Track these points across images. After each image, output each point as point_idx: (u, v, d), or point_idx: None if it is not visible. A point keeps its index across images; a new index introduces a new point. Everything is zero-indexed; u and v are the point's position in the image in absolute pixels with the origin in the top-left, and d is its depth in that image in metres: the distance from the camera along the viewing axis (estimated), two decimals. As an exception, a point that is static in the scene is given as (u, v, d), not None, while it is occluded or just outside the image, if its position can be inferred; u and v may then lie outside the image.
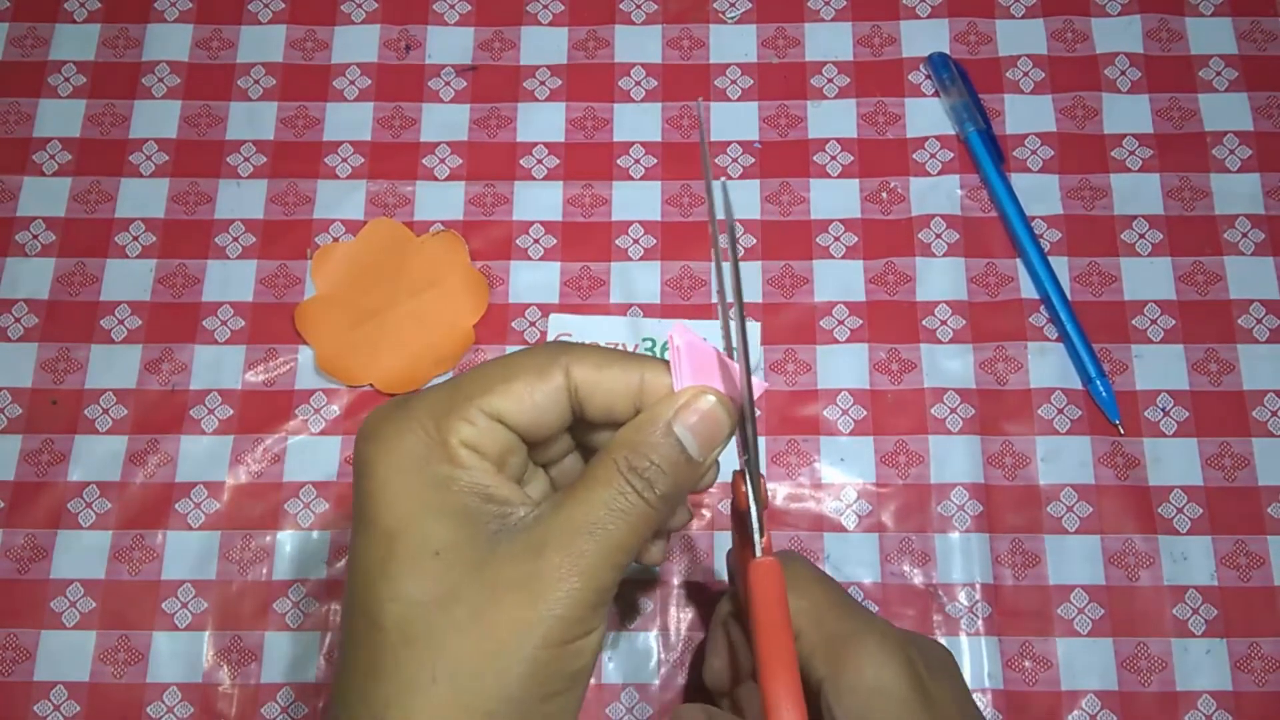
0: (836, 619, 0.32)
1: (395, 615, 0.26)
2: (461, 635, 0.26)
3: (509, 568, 0.26)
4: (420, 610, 0.26)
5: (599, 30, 0.51)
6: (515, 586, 0.26)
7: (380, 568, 0.27)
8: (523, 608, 0.26)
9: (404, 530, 0.27)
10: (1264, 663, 0.41)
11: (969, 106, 0.47)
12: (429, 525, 0.27)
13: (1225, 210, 0.47)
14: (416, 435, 0.28)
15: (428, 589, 0.26)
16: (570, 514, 0.27)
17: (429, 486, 0.27)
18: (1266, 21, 0.50)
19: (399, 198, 0.48)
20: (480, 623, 0.26)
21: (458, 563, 0.26)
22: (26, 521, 0.43)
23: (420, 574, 0.26)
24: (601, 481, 0.28)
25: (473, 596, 0.26)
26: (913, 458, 0.44)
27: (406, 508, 0.27)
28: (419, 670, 0.26)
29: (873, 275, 0.46)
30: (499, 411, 0.28)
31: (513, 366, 0.29)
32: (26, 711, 0.41)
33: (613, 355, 0.29)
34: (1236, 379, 0.44)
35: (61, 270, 0.47)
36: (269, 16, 0.51)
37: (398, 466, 0.28)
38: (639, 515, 0.28)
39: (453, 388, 0.29)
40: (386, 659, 0.26)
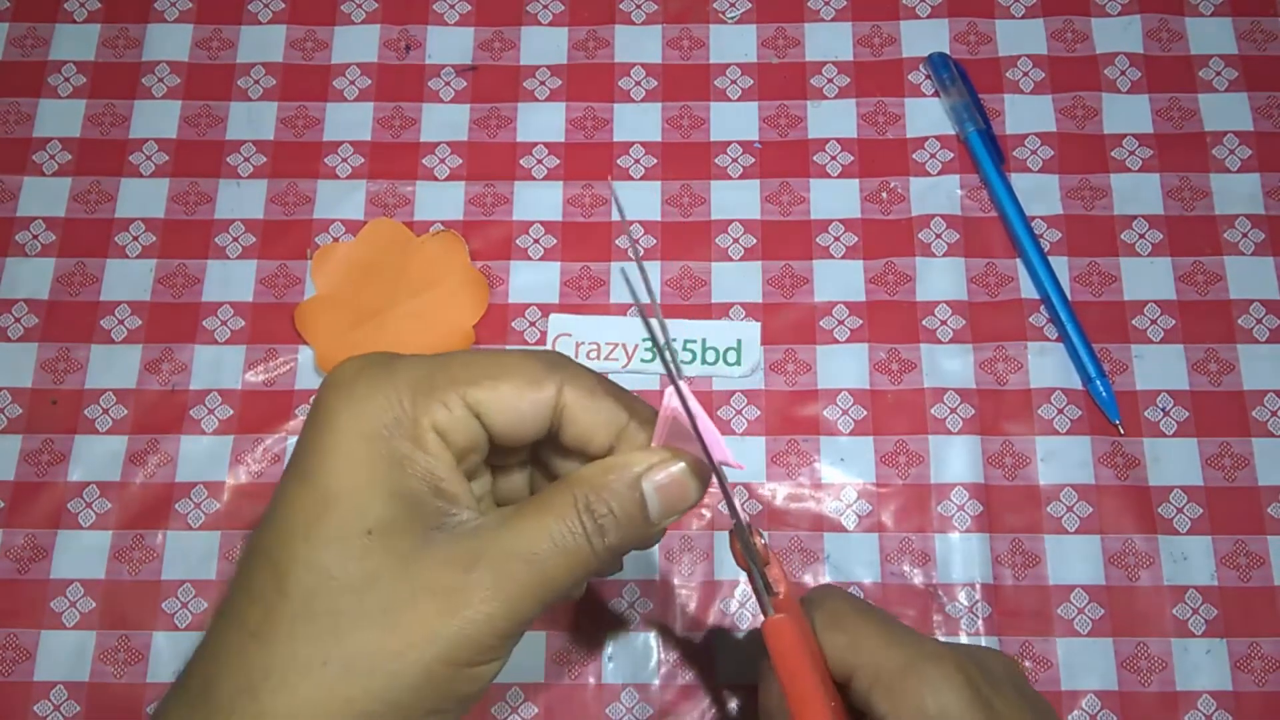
0: (886, 650, 0.31)
1: (306, 584, 0.25)
2: (367, 627, 0.24)
3: (436, 572, 0.25)
4: (333, 588, 0.24)
5: (599, 30, 0.51)
6: (436, 593, 0.25)
7: (305, 529, 0.25)
8: (437, 616, 0.24)
9: (342, 498, 0.25)
10: (1264, 663, 0.41)
11: (969, 106, 0.47)
12: (370, 500, 0.25)
13: (1225, 210, 0.47)
14: (389, 402, 0.26)
15: (348, 568, 0.25)
16: (513, 536, 0.26)
17: (384, 460, 0.25)
18: (1266, 21, 0.50)
19: (399, 198, 0.48)
20: (389, 619, 0.24)
21: (387, 550, 0.25)
22: (26, 521, 0.43)
23: (345, 550, 0.25)
24: (554, 512, 0.26)
25: (390, 589, 0.25)
26: (913, 458, 0.44)
27: (353, 475, 0.25)
28: (312, 650, 0.24)
29: (873, 275, 0.46)
30: (480, 406, 0.27)
31: (506, 365, 0.28)
32: (26, 711, 0.41)
33: (607, 386, 0.28)
34: (1236, 379, 0.44)
35: (61, 270, 0.47)
36: (269, 16, 0.51)
37: (358, 429, 0.26)
38: (580, 558, 0.26)
39: (439, 366, 0.27)
40: (281, 627, 0.24)
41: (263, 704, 0.24)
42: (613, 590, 0.42)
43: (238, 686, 0.24)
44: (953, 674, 0.30)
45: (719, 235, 0.47)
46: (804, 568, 0.42)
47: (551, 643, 0.42)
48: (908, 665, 0.30)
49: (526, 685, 0.41)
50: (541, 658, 0.42)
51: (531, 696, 0.41)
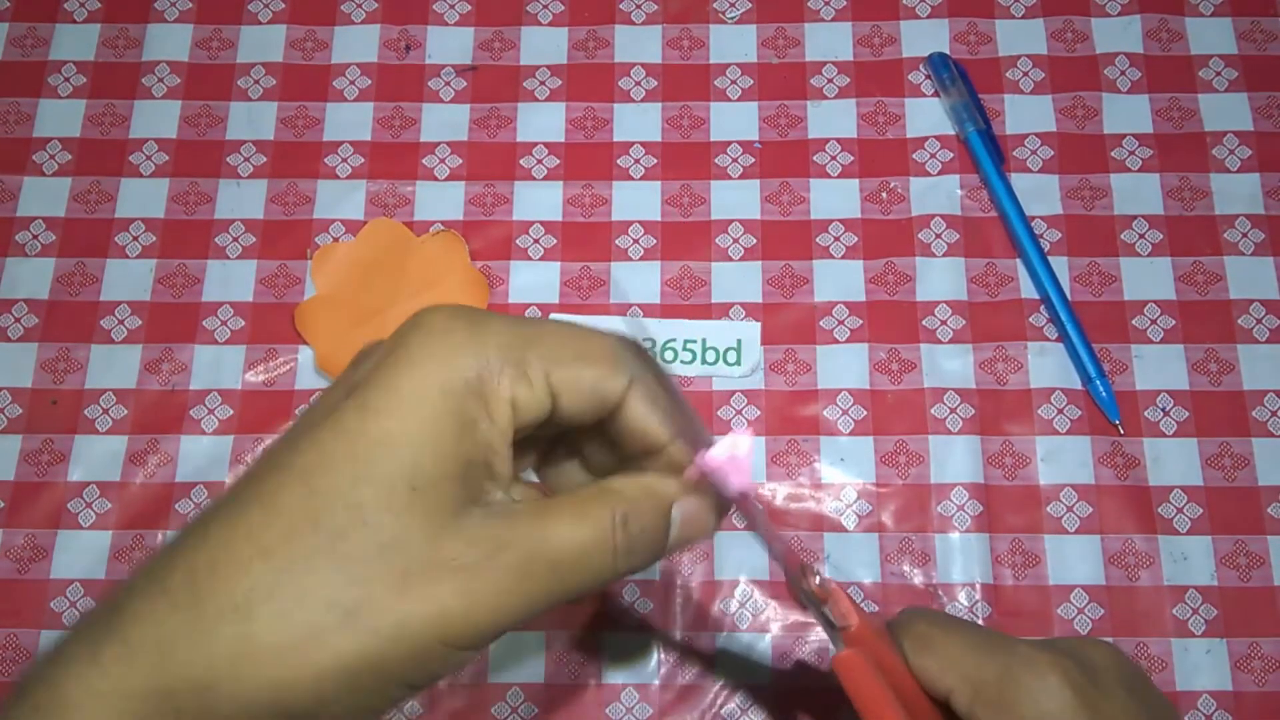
0: (978, 664, 0.30)
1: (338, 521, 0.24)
2: (380, 582, 0.23)
3: (463, 548, 0.24)
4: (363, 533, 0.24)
5: (599, 30, 0.51)
6: (456, 570, 0.24)
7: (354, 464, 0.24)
8: (450, 595, 0.24)
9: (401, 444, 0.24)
10: (1264, 663, 0.41)
11: (969, 106, 0.47)
12: (426, 455, 0.24)
13: (1225, 210, 0.47)
14: (477, 362, 0.25)
15: (383, 519, 0.24)
16: (544, 534, 0.25)
17: (452, 417, 0.24)
18: (1266, 21, 0.50)
19: (399, 198, 0.48)
20: (405, 581, 0.24)
21: (425, 510, 0.24)
22: (26, 521, 0.43)
23: (387, 500, 0.24)
24: (590, 522, 0.26)
25: (415, 553, 0.24)
26: (913, 458, 0.44)
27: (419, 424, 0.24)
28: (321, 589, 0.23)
29: (873, 275, 0.46)
30: (563, 385, 0.26)
31: (594, 348, 0.26)
32: (26, 711, 0.41)
33: (665, 400, 0.28)
34: (1236, 379, 0.44)
35: (61, 270, 0.47)
36: (269, 16, 0.51)
37: (437, 379, 0.24)
38: (601, 571, 0.26)
39: (530, 336, 0.26)
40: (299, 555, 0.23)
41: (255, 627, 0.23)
42: (613, 590, 0.42)
43: (232, 601, 0.23)
44: (1050, 679, 0.29)
45: (719, 235, 0.47)
46: (804, 568, 0.42)
47: (551, 643, 0.42)
48: (1004, 676, 0.30)
49: (526, 685, 0.41)
50: (541, 658, 0.42)
51: (531, 696, 0.41)
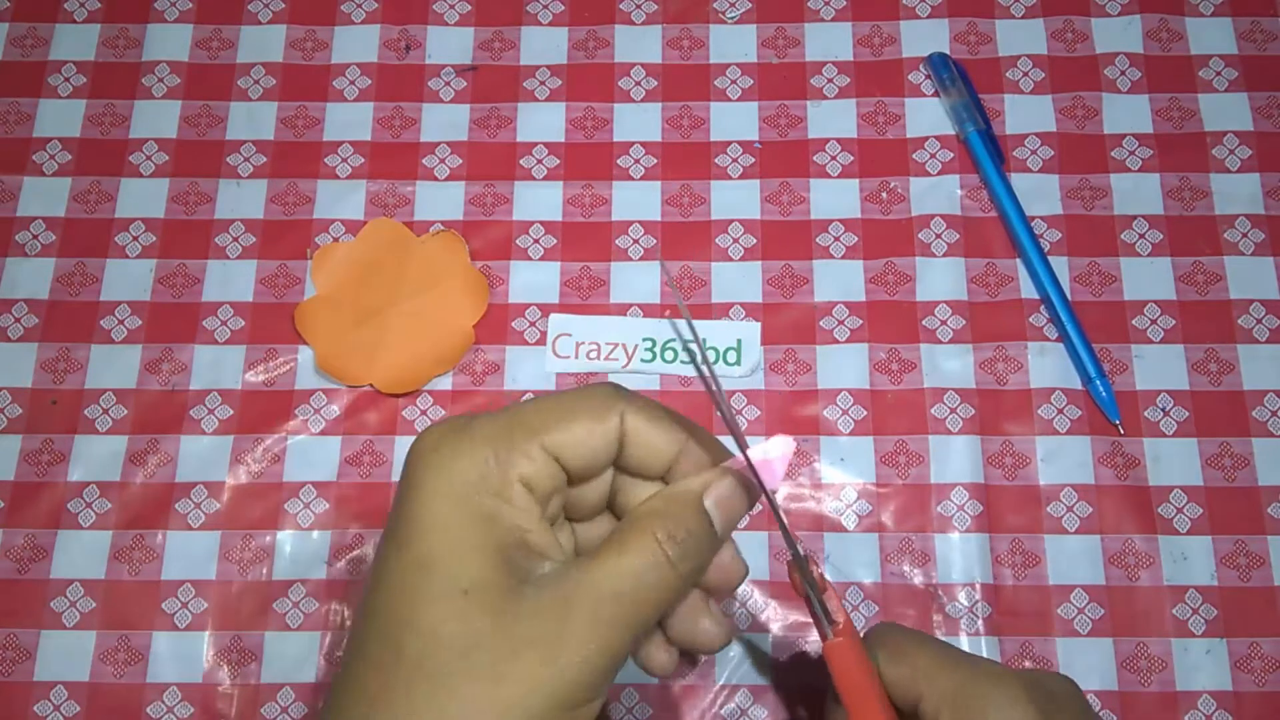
0: (949, 674, 0.32)
1: (415, 648, 0.26)
2: (475, 682, 0.26)
3: (532, 622, 0.26)
4: (440, 649, 0.26)
5: (599, 30, 0.51)
6: (535, 643, 0.26)
7: (409, 595, 0.27)
8: (539, 665, 0.26)
9: (438, 561, 0.27)
10: (1264, 663, 0.41)
11: (969, 106, 0.47)
12: (464, 560, 0.27)
13: (1225, 210, 0.47)
14: (474, 463, 0.27)
15: (451, 629, 0.26)
16: (599, 578, 0.27)
17: (474, 519, 0.27)
18: (1266, 21, 0.50)
19: (399, 198, 0.48)
20: (495, 672, 0.26)
21: (484, 606, 0.26)
22: (26, 521, 0.43)
23: (447, 611, 0.26)
24: (633, 549, 0.27)
25: (492, 645, 0.26)
26: (913, 458, 0.44)
27: (446, 538, 0.27)
28: (427, 707, 0.26)
29: (873, 275, 0.46)
30: (559, 448, 0.28)
31: (573, 405, 0.29)
32: (26, 711, 0.41)
33: (664, 412, 0.30)
34: (1236, 379, 0.44)
35: (61, 270, 0.47)
36: (269, 16, 0.51)
37: (447, 492, 0.27)
38: (666, 583, 0.28)
39: (515, 418, 0.28)
40: (398, 690, 0.26)
41: None
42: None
43: None
44: (1016, 693, 0.31)
45: (719, 235, 0.47)
46: (804, 568, 0.42)
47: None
48: (971, 686, 0.31)
49: (526, 685, 0.41)
50: (541, 658, 0.41)
51: (531, 696, 0.41)
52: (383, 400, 0.45)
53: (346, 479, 0.44)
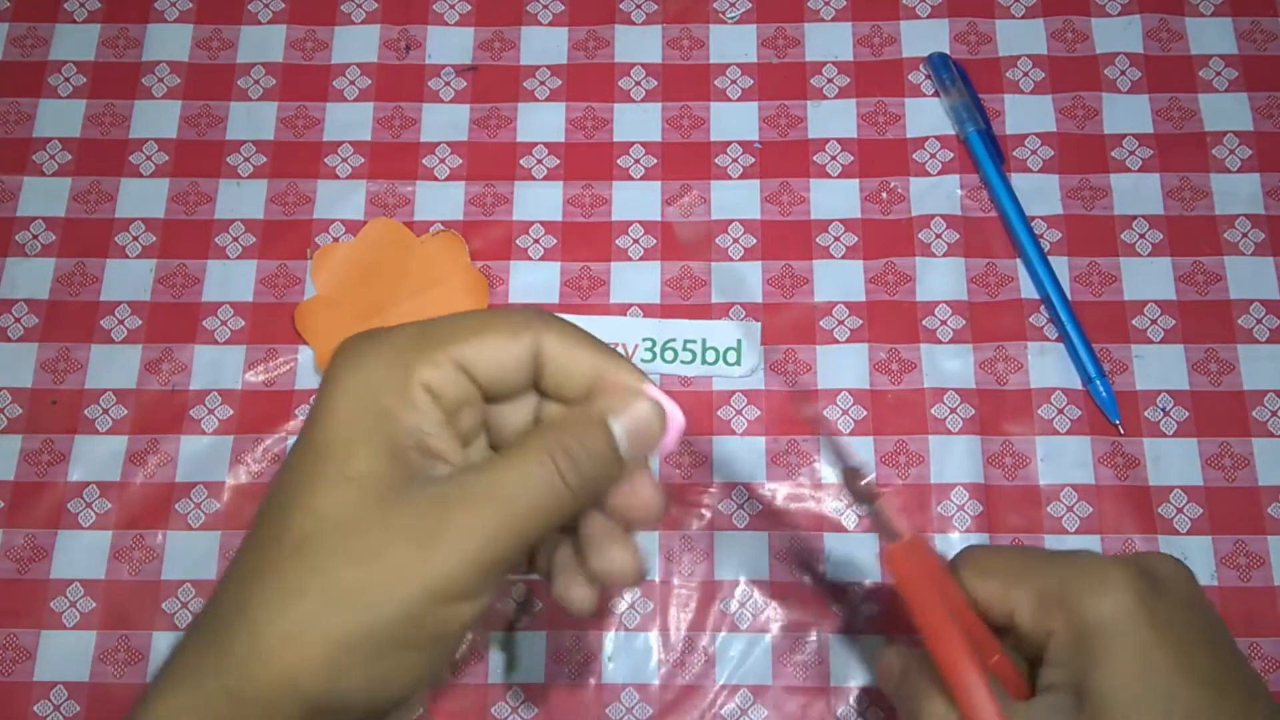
0: (1039, 573, 0.32)
1: (302, 528, 0.27)
2: (350, 564, 0.26)
3: (410, 514, 0.27)
4: (321, 527, 0.27)
5: (599, 30, 0.51)
6: (410, 534, 0.27)
7: (302, 479, 0.28)
8: (412, 557, 0.26)
9: (331, 450, 0.28)
10: (1264, 662, 0.41)
11: (969, 106, 0.47)
12: (355, 450, 0.27)
13: (1225, 210, 0.47)
14: (379, 365, 0.28)
15: (333, 512, 0.27)
16: (485, 478, 0.28)
17: (371, 415, 0.28)
18: (1266, 21, 0.50)
19: (399, 198, 0.48)
20: (369, 556, 0.26)
21: (368, 494, 0.27)
22: (26, 521, 0.43)
23: (331, 494, 0.27)
24: (523, 455, 0.28)
25: (370, 530, 0.27)
26: (913, 458, 0.44)
27: (342, 429, 0.28)
28: (298, 580, 0.26)
29: (873, 275, 0.46)
30: (466, 360, 0.29)
31: (486, 320, 0.30)
32: (26, 711, 0.41)
33: (583, 338, 0.30)
34: (1236, 379, 0.44)
35: (61, 270, 0.47)
36: (269, 16, 0.51)
37: (351, 390, 0.28)
38: (553, 495, 0.28)
39: (426, 328, 0.29)
40: (275, 564, 0.27)
41: (255, 627, 0.26)
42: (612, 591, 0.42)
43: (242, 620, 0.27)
44: (1111, 580, 0.30)
45: (719, 235, 0.47)
46: (804, 568, 0.42)
47: (551, 643, 0.42)
48: (1064, 581, 0.31)
49: (526, 685, 0.41)
50: (541, 658, 0.42)
51: (531, 696, 0.41)
52: (383, 400, 0.45)
53: (346, 479, 0.44)
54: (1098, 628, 0.30)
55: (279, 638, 0.26)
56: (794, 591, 0.42)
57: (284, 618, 0.26)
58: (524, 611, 0.42)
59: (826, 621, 0.42)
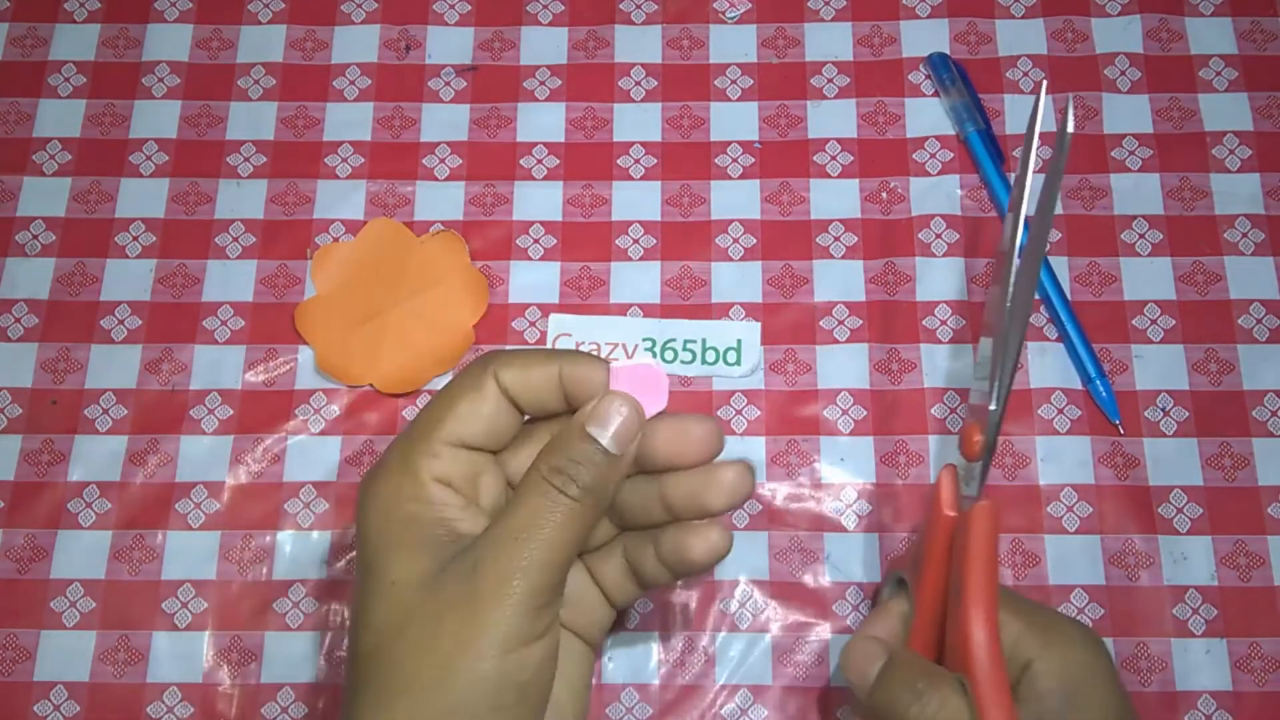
0: (1033, 609, 0.34)
1: (367, 643, 0.30)
2: (416, 654, 0.29)
3: (451, 587, 0.29)
4: (381, 635, 0.29)
5: (599, 30, 0.51)
6: (457, 604, 0.29)
7: (358, 601, 0.31)
8: (464, 622, 0.28)
9: (374, 566, 0.30)
10: (1264, 663, 0.41)
11: (969, 106, 0.47)
12: (392, 559, 0.30)
13: (1225, 210, 0.47)
14: (391, 481, 0.31)
15: (387, 616, 0.29)
16: (500, 527, 0.30)
17: (397, 524, 0.30)
18: (1266, 21, 0.50)
19: (399, 198, 0.48)
20: (429, 640, 0.29)
21: (410, 590, 0.29)
22: (26, 521, 0.43)
23: (383, 604, 0.30)
24: (526, 491, 0.30)
25: (422, 618, 0.29)
26: (913, 458, 0.44)
27: (378, 546, 0.30)
28: (382, 689, 0.29)
29: (873, 275, 0.46)
30: (455, 435, 0.31)
31: (453, 391, 0.32)
32: (26, 711, 0.41)
33: (534, 356, 0.32)
34: (1236, 379, 0.44)
35: (61, 270, 0.47)
36: (269, 16, 0.51)
37: (376, 510, 0.31)
38: (566, 513, 0.30)
39: (412, 429, 0.32)
40: (360, 679, 0.30)
41: None
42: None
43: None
44: (1089, 635, 0.34)
45: (719, 235, 0.47)
46: (804, 568, 0.42)
47: (551, 643, 0.42)
48: (1058, 622, 0.34)
49: (526, 685, 0.41)
50: (541, 658, 0.42)
51: (531, 696, 0.41)
52: (383, 400, 0.45)
53: (346, 479, 0.44)
54: (1085, 665, 0.33)
55: None
56: (794, 591, 0.42)
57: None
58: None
59: (826, 621, 0.42)
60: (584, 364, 0.32)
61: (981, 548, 0.32)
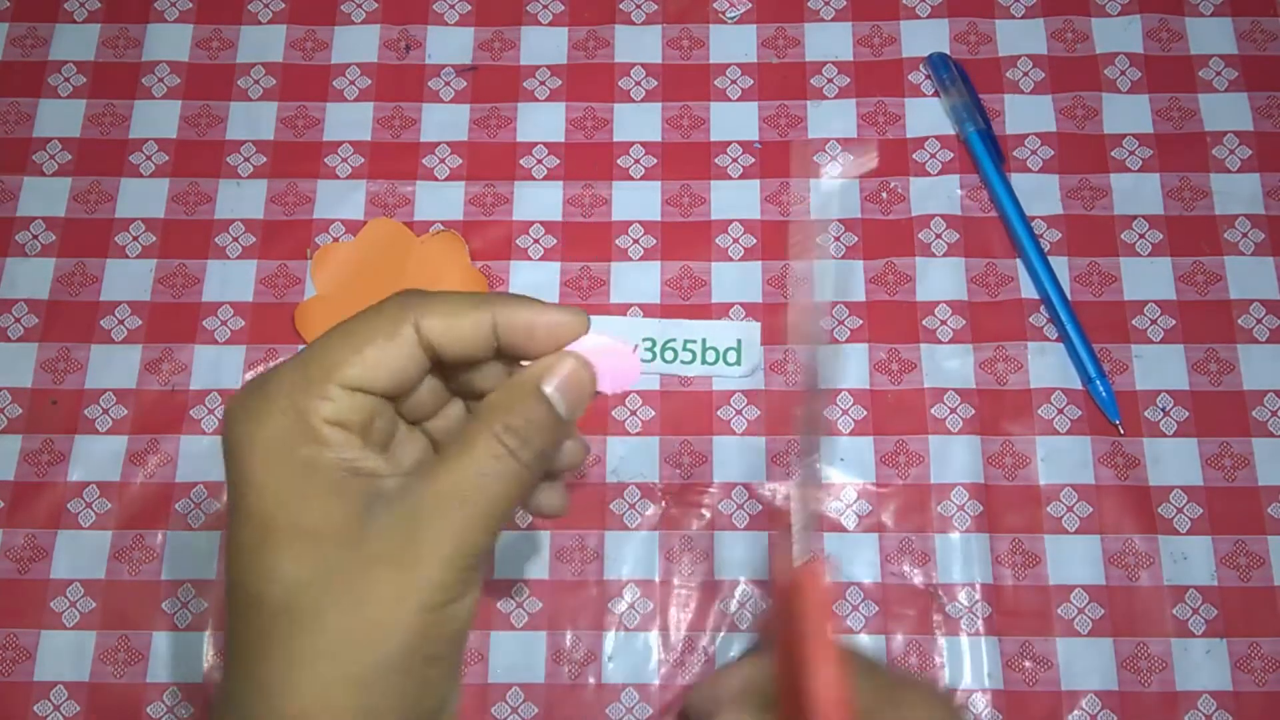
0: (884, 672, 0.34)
1: (276, 596, 0.27)
2: (339, 610, 0.26)
3: (381, 541, 0.27)
4: (300, 589, 0.27)
5: (599, 30, 0.51)
6: (388, 559, 0.27)
7: (258, 553, 0.27)
8: (397, 579, 0.26)
9: (276, 516, 0.27)
10: (1264, 663, 0.41)
11: (969, 106, 0.47)
12: (299, 508, 0.27)
13: (1225, 210, 0.47)
14: (278, 419, 0.28)
15: (304, 569, 0.27)
16: (442, 482, 0.27)
17: (296, 470, 0.27)
18: (1266, 21, 0.50)
19: (399, 198, 0.48)
20: (356, 597, 0.26)
21: (331, 541, 0.27)
22: (26, 521, 0.43)
23: (296, 556, 0.27)
24: (473, 447, 0.28)
25: (348, 572, 0.27)
26: (913, 458, 0.44)
27: (276, 494, 0.27)
28: (302, 646, 0.26)
29: (873, 275, 0.46)
30: (356, 381, 0.28)
31: (361, 331, 0.29)
32: (26, 711, 0.41)
33: (462, 301, 0.29)
34: (1236, 379, 0.44)
35: (61, 270, 0.47)
36: (269, 16, 0.51)
37: (264, 453, 0.28)
38: (511, 476, 0.28)
39: (304, 364, 0.29)
40: (272, 638, 0.27)
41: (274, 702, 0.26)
42: (613, 590, 0.42)
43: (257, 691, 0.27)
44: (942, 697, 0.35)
45: (719, 235, 0.47)
46: (804, 568, 0.42)
47: (551, 643, 0.42)
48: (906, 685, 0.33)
49: (526, 685, 0.41)
50: (542, 658, 0.42)
51: (531, 696, 0.41)
52: (383, 400, 0.45)
53: (346, 479, 0.44)
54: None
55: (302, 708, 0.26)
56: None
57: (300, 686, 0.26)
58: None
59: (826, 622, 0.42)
60: (523, 309, 0.29)
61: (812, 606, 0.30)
